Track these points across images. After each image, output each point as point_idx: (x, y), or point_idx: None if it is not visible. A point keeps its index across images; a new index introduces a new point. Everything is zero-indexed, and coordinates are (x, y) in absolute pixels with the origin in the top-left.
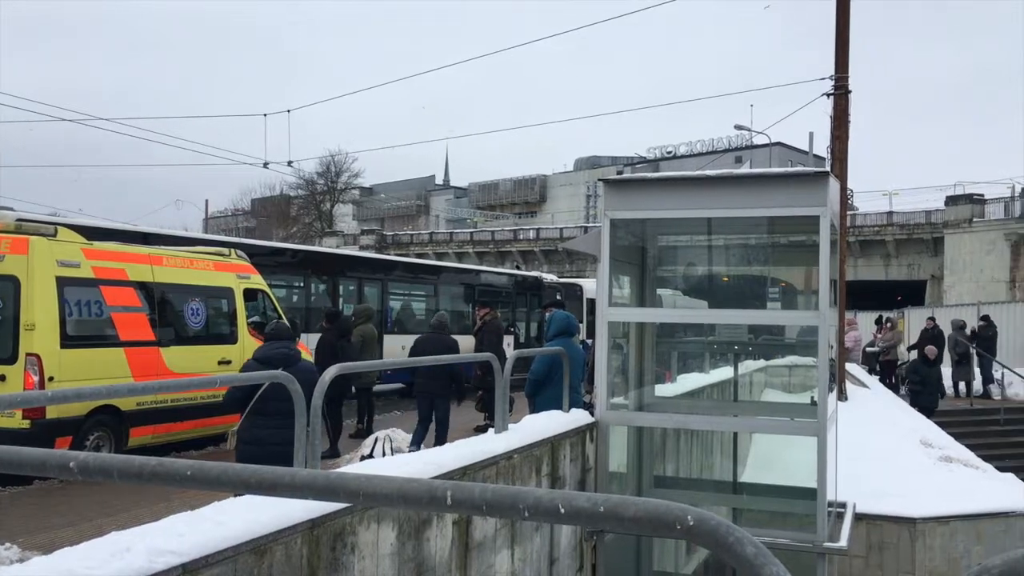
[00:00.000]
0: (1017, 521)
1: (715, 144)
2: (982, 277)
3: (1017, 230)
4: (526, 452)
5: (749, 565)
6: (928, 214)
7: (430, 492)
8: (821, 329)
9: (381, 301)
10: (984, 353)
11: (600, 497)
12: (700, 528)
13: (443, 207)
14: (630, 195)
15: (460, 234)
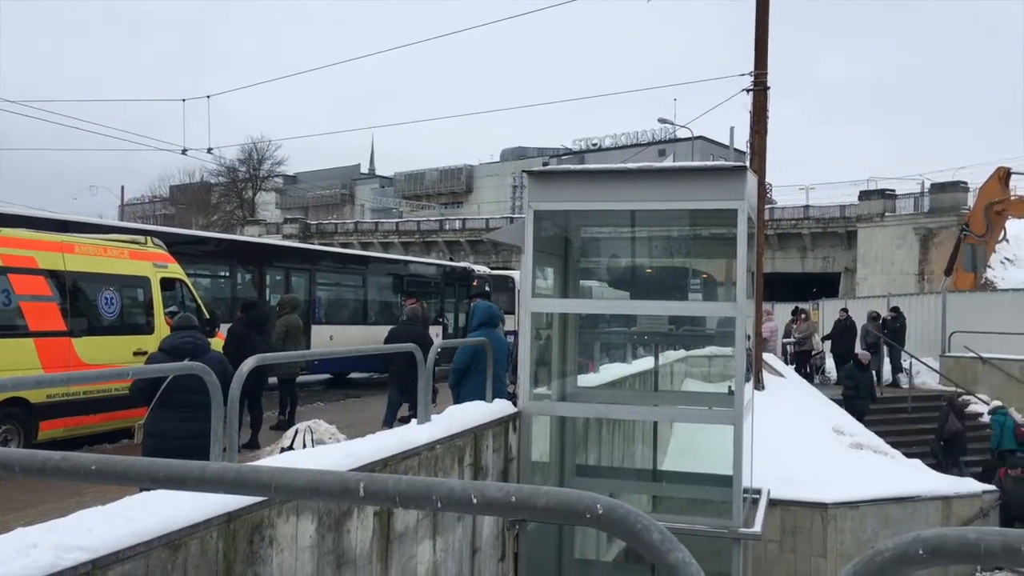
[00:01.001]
0: (922, 505)
1: (639, 137)
2: (893, 270)
3: (926, 224)
4: (448, 443)
5: (655, 550)
6: (843, 208)
7: (342, 484)
8: (738, 320)
9: (309, 291)
10: (893, 343)
11: (512, 487)
12: (609, 516)
13: (368, 196)
14: (554, 187)
15: (386, 224)
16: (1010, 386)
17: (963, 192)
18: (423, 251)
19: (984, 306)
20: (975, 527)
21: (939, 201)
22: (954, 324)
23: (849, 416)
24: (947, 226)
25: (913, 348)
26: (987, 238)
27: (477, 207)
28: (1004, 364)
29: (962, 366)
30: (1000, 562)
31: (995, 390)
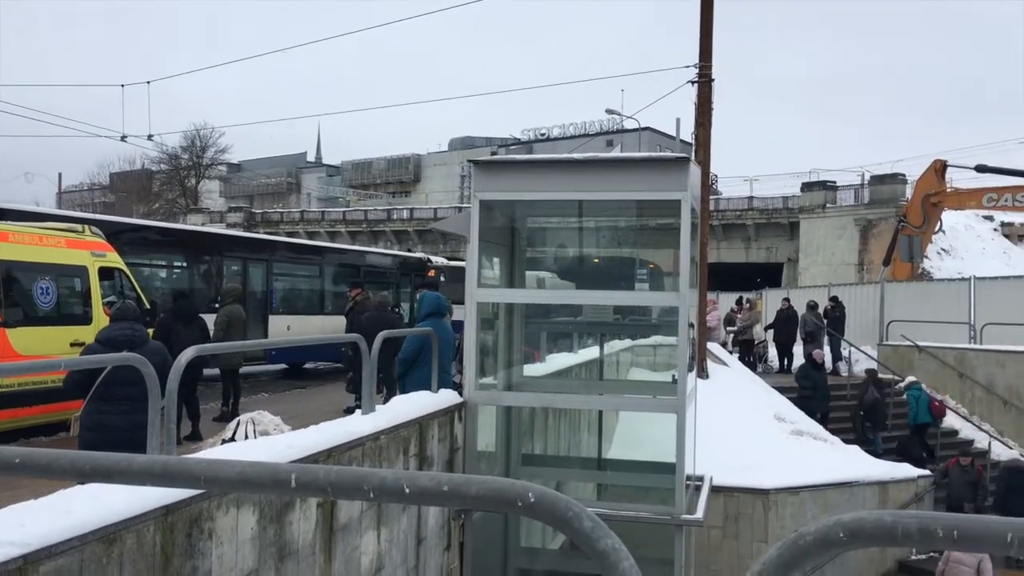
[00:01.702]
0: (860, 490)
1: (587, 127)
2: (833, 260)
3: (866, 216)
4: (393, 433)
5: (586, 538)
6: (785, 200)
7: (273, 475)
8: (681, 309)
9: (266, 282)
10: (833, 332)
11: (444, 476)
12: (541, 504)
13: (315, 185)
14: (500, 177)
15: (332, 213)
16: (945, 373)
17: (901, 184)
18: (371, 241)
19: (921, 296)
20: (892, 511)
21: (878, 193)
22: (892, 313)
23: (790, 403)
24: (886, 217)
25: (852, 337)
26: (924, 229)
27: (425, 197)
28: (939, 352)
29: (899, 354)
30: (916, 544)
31: (930, 377)
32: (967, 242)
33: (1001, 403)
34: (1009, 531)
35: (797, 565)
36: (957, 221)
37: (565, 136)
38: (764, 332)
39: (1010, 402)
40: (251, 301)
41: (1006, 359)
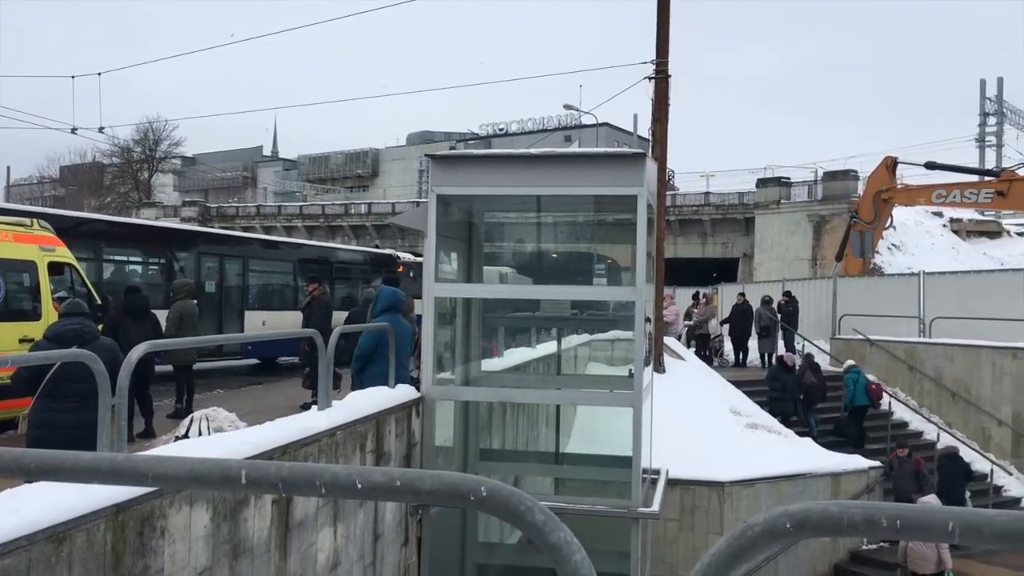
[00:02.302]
0: (813, 482)
1: (546, 123)
2: (788, 255)
3: (819, 212)
4: (350, 429)
5: (538, 531)
6: (741, 195)
7: (223, 472)
8: (638, 304)
9: (243, 278)
10: (787, 326)
11: (397, 471)
12: (493, 499)
13: (271, 179)
14: (457, 171)
15: (289, 207)
16: (895, 366)
17: (853, 180)
18: (328, 235)
19: (872, 290)
20: (839, 501)
21: (831, 189)
22: (844, 308)
23: (745, 396)
24: (838, 213)
25: (806, 331)
26: (875, 225)
27: (383, 191)
28: (890, 346)
29: (851, 348)
30: (861, 533)
31: (881, 370)
32: (917, 238)
33: (949, 395)
34: (951, 520)
35: (745, 555)
36: (907, 217)
37: (523, 131)
38: (720, 327)
39: (958, 394)
40: (229, 297)
41: (954, 352)
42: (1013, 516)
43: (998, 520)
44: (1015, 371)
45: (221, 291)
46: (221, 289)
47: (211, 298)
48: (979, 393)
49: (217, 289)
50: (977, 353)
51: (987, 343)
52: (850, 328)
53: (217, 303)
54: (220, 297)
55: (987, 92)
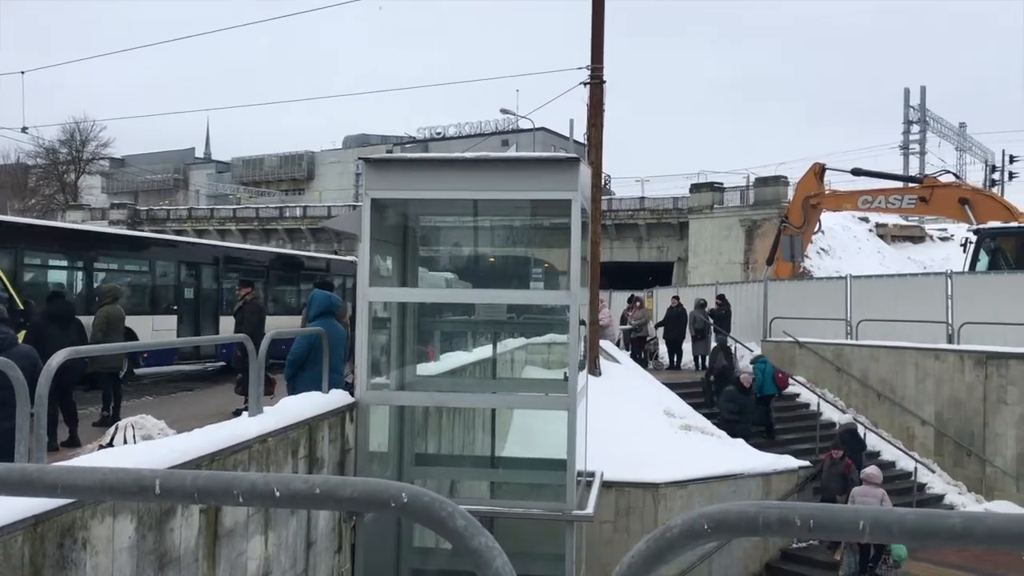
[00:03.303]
0: (745, 482)
1: (483, 127)
2: (721, 259)
3: (751, 216)
4: (281, 435)
5: (460, 537)
6: (676, 200)
7: (137, 482)
8: (572, 308)
9: (217, 284)
10: (720, 329)
11: (318, 479)
12: (414, 504)
13: (204, 182)
14: (392, 175)
15: (222, 210)
16: (824, 368)
17: (784, 186)
18: (262, 239)
19: (801, 293)
20: (756, 502)
21: (762, 194)
22: (775, 310)
23: (679, 398)
24: (769, 218)
25: (738, 333)
26: (804, 230)
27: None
28: (818, 348)
29: (781, 350)
30: (776, 533)
31: (811, 372)
32: (845, 242)
33: (875, 395)
34: (861, 519)
35: (664, 557)
36: (835, 222)
37: (461, 135)
38: (655, 330)
39: (883, 394)
40: (206, 303)
41: (880, 353)
42: (921, 514)
43: (907, 518)
44: (937, 372)
45: (198, 298)
46: (197, 295)
47: (190, 303)
48: (903, 393)
49: (195, 296)
50: (901, 354)
51: (911, 344)
52: (780, 331)
53: (195, 308)
54: (195, 303)
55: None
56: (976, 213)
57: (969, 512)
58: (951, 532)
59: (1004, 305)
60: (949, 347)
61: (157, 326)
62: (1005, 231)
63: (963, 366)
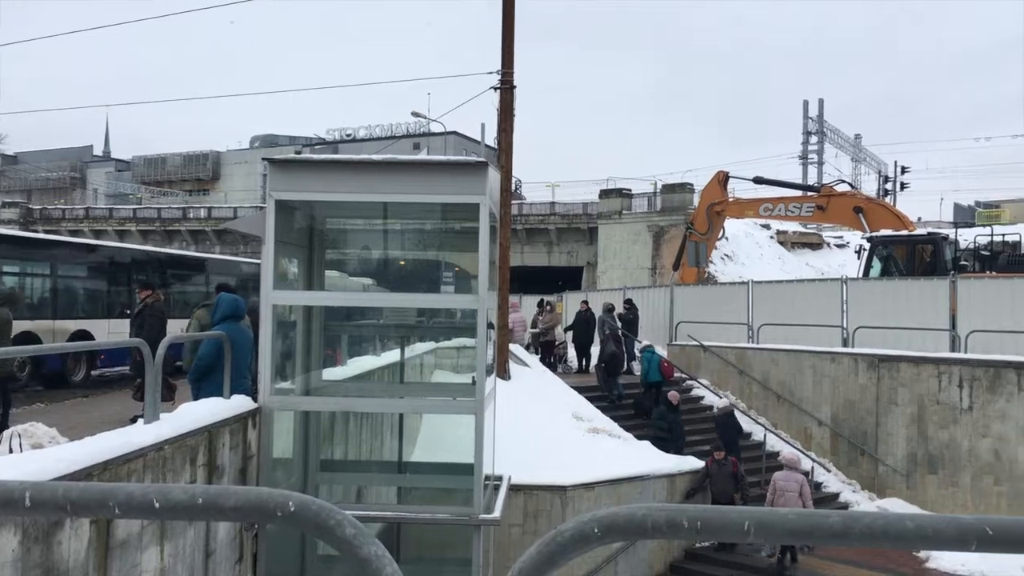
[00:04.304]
0: (651, 483)
1: (394, 129)
2: (629, 264)
3: (658, 222)
4: (179, 442)
5: (348, 545)
6: (585, 205)
7: (4, 494)
8: (480, 312)
9: (165, 288)
10: (628, 333)
11: (199, 488)
12: (302, 513)
13: (103, 181)
14: (298, 176)
15: (121, 210)
16: (727, 371)
17: (690, 193)
18: (164, 240)
19: (706, 298)
20: (645, 504)
21: (669, 201)
22: (680, 315)
23: (587, 401)
24: (676, 224)
25: (645, 337)
26: (709, 236)
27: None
28: (722, 351)
29: (687, 353)
30: (665, 536)
31: (714, 375)
32: (747, 248)
33: (775, 397)
34: (746, 520)
35: (556, 561)
36: (738, 229)
37: (372, 137)
38: (564, 334)
39: (783, 396)
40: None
41: (779, 356)
42: (803, 514)
43: (789, 518)
44: (833, 374)
45: None
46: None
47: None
48: (801, 395)
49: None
50: (799, 357)
51: (808, 348)
52: (686, 334)
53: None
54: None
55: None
56: (870, 221)
57: (848, 512)
58: (830, 531)
59: (895, 310)
60: (844, 350)
61: (112, 329)
62: (896, 239)
63: (857, 369)
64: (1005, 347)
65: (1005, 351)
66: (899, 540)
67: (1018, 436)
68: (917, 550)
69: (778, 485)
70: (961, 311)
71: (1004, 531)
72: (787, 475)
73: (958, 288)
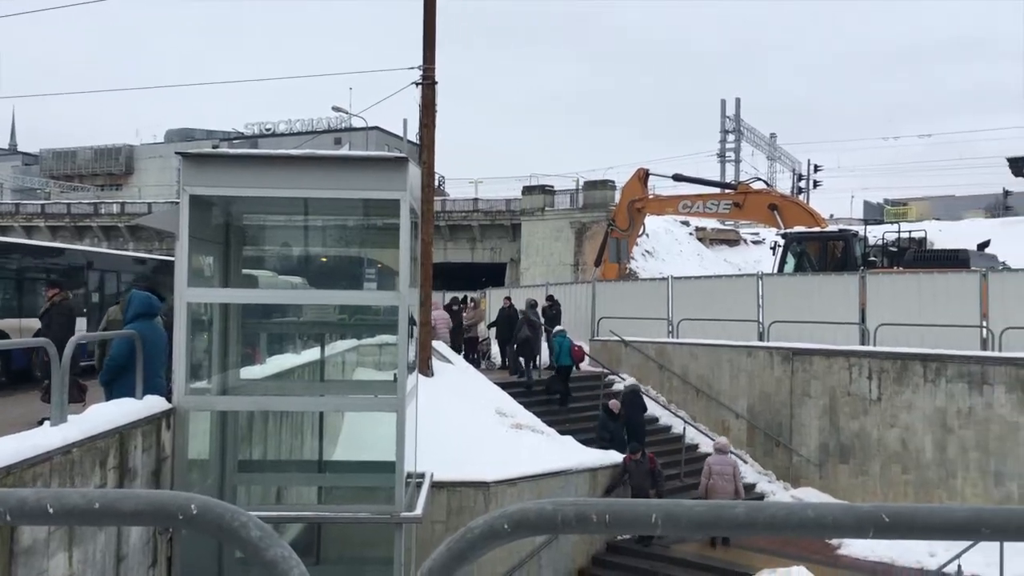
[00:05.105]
0: (573, 478)
1: (315, 124)
2: (552, 260)
3: (580, 219)
4: (88, 445)
5: (254, 548)
6: (508, 202)
7: None
8: (400, 308)
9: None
10: (550, 329)
11: (96, 493)
12: (205, 516)
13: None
14: (213, 171)
15: (29, 206)
16: (647, 366)
17: (611, 190)
18: (75, 236)
19: (627, 294)
20: (554, 499)
21: (591, 198)
22: (602, 310)
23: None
24: (598, 220)
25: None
26: (630, 232)
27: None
28: (642, 346)
29: (608, 349)
30: (575, 530)
31: (635, 369)
32: (667, 245)
33: (694, 391)
34: (654, 512)
35: (466, 558)
36: (659, 225)
37: (292, 132)
38: (488, 330)
39: (701, 390)
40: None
41: (698, 351)
42: (709, 505)
43: (695, 509)
44: (750, 367)
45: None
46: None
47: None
48: (719, 388)
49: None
50: (717, 351)
51: (726, 342)
52: (607, 330)
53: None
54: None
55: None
56: (784, 218)
57: (752, 503)
58: (735, 521)
59: (808, 304)
60: (760, 344)
61: None
62: (810, 236)
63: (772, 362)
64: (911, 340)
65: (911, 344)
66: (801, 529)
67: (924, 426)
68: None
69: (713, 469)
70: (870, 305)
71: (899, 518)
72: (720, 459)
73: (867, 283)
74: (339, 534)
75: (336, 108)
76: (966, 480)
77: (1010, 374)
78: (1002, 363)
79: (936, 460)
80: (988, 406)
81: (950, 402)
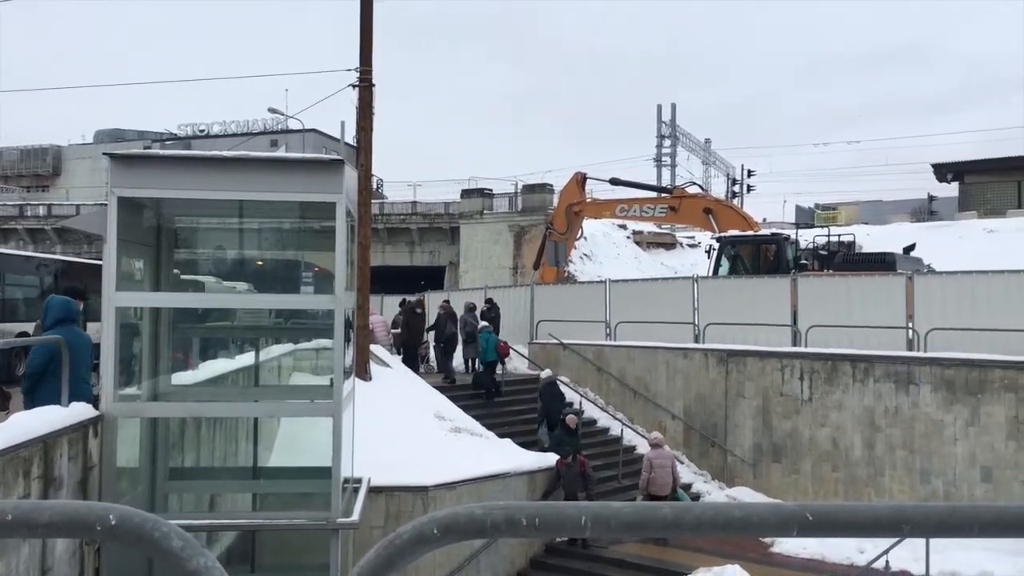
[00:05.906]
0: (512, 481)
1: (250, 126)
2: (491, 263)
3: (519, 222)
4: (11, 454)
5: (176, 558)
6: (447, 205)
7: None
8: (337, 312)
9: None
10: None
11: (9, 504)
12: (124, 527)
13: None
14: (142, 172)
15: None
16: (586, 368)
17: (549, 194)
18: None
19: (565, 297)
20: (484, 503)
21: (529, 201)
22: (541, 313)
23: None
24: (536, 224)
25: (507, 336)
26: (568, 236)
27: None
28: (581, 349)
29: (547, 351)
30: (505, 534)
31: (574, 372)
32: (605, 248)
33: (632, 393)
34: (583, 515)
35: (395, 563)
36: (596, 229)
37: (226, 134)
38: (426, 334)
39: (639, 392)
40: None
41: (636, 353)
42: (636, 507)
43: (624, 511)
44: (685, 369)
45: None
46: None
47: None
48: (656, 390)
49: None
50: (654, 353)
51: (662, 344)
52: (546, 333)
53: None
54: None
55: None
56: (719, 222)
57: (679, 503)
58: (663, 522)
59: (742, 307)
60: (695, 346)
61: None
62: (743, 239)
63: (707, 363)
64: (841, 341)
65: (841, 345)
66: (727, 528)
67: (853, 425)
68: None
69: (654, 463)
70: (802, 307)
71: (822, 516)
72: (659, 453)
73: (799, 286)
74: (275, 541)
75: (272, 110)
76: (893, 478)
77: (935, 374)
78: (927, 363)
79: (865, 458)
80: (914, 405)
81: (878, 401)
